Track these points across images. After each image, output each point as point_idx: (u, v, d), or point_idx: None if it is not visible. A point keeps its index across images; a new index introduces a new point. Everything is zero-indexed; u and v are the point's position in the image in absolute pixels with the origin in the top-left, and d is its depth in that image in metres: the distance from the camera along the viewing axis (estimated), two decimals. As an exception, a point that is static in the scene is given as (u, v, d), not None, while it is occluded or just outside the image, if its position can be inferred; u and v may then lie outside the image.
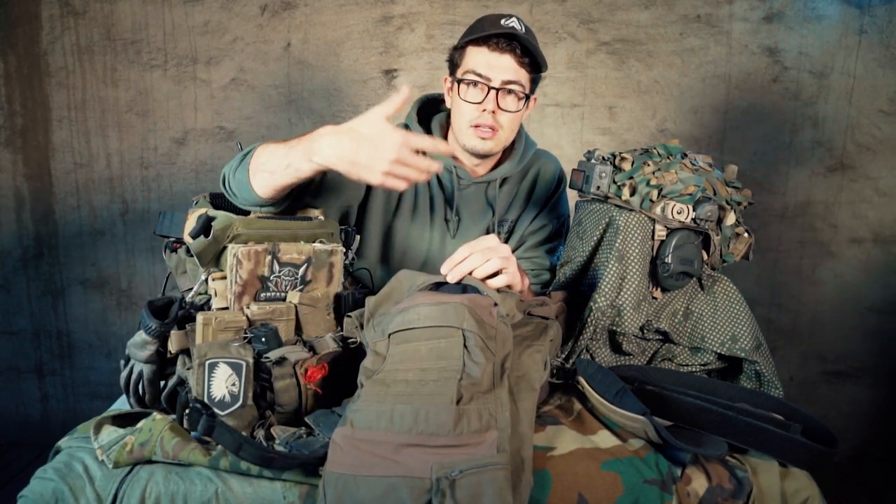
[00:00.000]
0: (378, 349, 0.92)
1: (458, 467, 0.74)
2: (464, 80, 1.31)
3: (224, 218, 1.04)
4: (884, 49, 2.34)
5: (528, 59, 1.30)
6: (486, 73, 1.29)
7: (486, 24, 1.30)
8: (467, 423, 0.79)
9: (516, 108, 1.33)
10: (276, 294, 1.06)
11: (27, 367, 2.58)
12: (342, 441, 0.79)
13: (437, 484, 0.72)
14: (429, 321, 0.90)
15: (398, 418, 0.80)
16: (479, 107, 1.31)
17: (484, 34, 1.28)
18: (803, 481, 0.91)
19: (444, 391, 0.82)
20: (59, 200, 2.46)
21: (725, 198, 1.19)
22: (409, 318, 0.92)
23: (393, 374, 0.87)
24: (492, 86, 1.29)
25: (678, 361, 1.21)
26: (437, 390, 0.82)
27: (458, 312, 0.90)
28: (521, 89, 1.32)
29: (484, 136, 1.33)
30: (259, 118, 2.41)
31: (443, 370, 0.85)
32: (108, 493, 0.83)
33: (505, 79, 1.29)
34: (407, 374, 0.86)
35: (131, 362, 1.02)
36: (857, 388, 2.55)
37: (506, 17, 1.29)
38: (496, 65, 1.28)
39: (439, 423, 0.78)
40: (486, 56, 1.28)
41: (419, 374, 0.85)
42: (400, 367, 0.87)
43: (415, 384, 0.84)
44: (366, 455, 0.77)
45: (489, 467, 0.75)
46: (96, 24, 2.35)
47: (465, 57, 1.32)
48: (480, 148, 1.35)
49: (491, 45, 1.28)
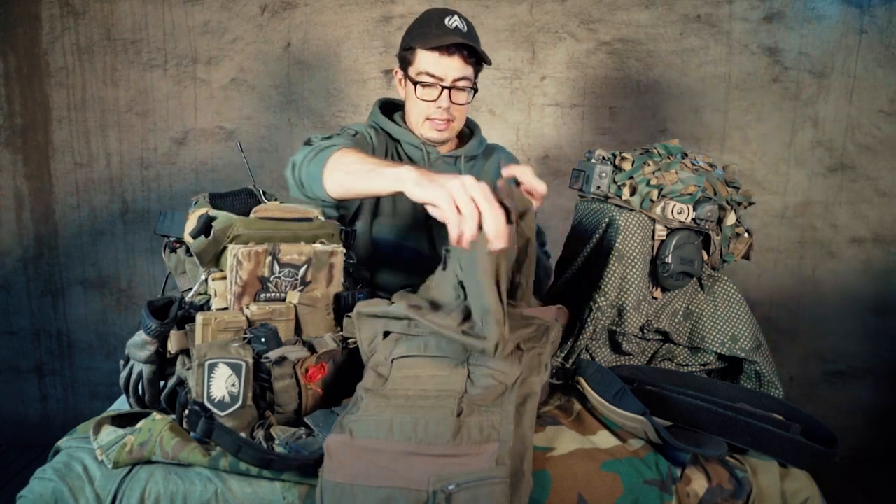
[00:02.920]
0: (381, 371, 0.94)
1: (455, 480, 0.73)
2: (419, 82, 1.44)
3: (224, 218, 1.04)
4: (884, 49, 2.34)
5: (474, 58, 1.44)
6: (438, 73, 1.42)
7: (433, 25, 1.42)
8: (467, 434, 0.79)
9: (466, 101, 1.48)
10: (276, 294, 1.06)
11: (27, 367, 2.58)
12: (340, 449, 0.79)
13: (434, 497, 0.72)
14: (434, 351, 0.93)
15: (398, 427, 0.80)
16: (434, 104, 1.44)
17: (431, 44, 1.39)
18: (803, 481, 0.91)
19: (444, 404, 0.83)
20: (59, 200, 2.46)
21: (726, 198, 1.19)
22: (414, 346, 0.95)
23: (393, 390, 0.88)
24: (444, 85, 1.42)
25: (678, 361, 1.21)
26: (438, 403, 0.83)
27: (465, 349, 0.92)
28: (469, 84, 1.46)
29: (439, 128, 1.48)
30: (259, 118, 2.41)
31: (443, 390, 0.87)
32: (108, 494, 0.83)
33: (455, 77, 1.42)
34: (407, 391, 0.87)
35: (131, 362, 1.02)
36: (857, 388, 2.55)
37: (449, 14, 1.42)
38: (446, 66, 1.41)
39: (438, 432, 0.79)
40: (437, 59, 1.41)
41: (420, 392, 0.87)
42: (400, 387, 0.89)
43: (415, 398, 0.86)
44: (364, 463, 0.77)
45: (487, 481, 0.74)
46: (96, 24, 2.35)
47: (417, 59, 1.44)
48: (437, 138, 1.50)
49: (440, 50, 1.40)
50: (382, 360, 0.96)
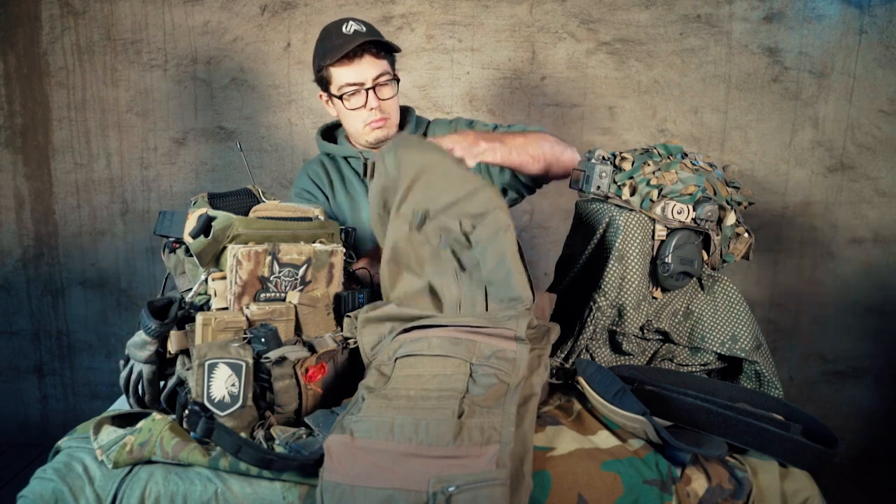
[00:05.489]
0: (383, 371, 0.94)
1: (455, 482, 0.73)
2: (343, 95, 1.50)
3: (224, 218, 1.04)
4: (884, 49, 2.34)
5: (381, 51, 1.50)
6: (357, 79, 1.48)
7: (334, 38, 1.48)
8: (468, 435, 0.79)
9: (393, 94, 1.54)
10: (276, 294, 1.06)
11: (27, 367, 2.58)
12: (340, 449, 0.79)
13: (434, 498, 0.72)
14: (438, 350, 0.93)
15: (398, 429, 0.80)
16: (365, 109, 1.51)
17: (338, 55, 1.45)
18: (803, 481, 0.91)
19: (445, 405, 0.83)
20: (59, 200, 2.46)
21: (726, 198, 1.19)
22: (418, 347, 0.95)
23: (395, 390, 0.89)
24: (366, 87, 1.49)
25: (678, 361, 1.21)
26: (439, 405, 0.84)
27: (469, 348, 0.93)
28: (389, 76, 1.52)
29: (379, 126, 1.53)
30: (259, 118, 2.41)
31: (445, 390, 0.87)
32: (108, 494, 0.83)
33: (373, 76, 1.48)
34: (409, 392, 0.88)
35: (131, 362, 1.02)
36: (857, 388, 2.55)
37: (344, 22, 1.49)
38: (361, 69, 1.47)
39: (439, 434, 0.79)
40: (349, 67, 1.47)
41: (421, 392, 0.87)
42: (402, 386, 0.89)
43: (416, 399, 0.86)
44: (364, 464, 0.77)
45: (487, 483, 0.74)
46: (96, 24, 2.35)
47: (333, 76, 1.50)
48: (382, 136, 1.55)
49: (348, 57, 1.46)
50: (386, 359, 0.97)
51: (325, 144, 1.65)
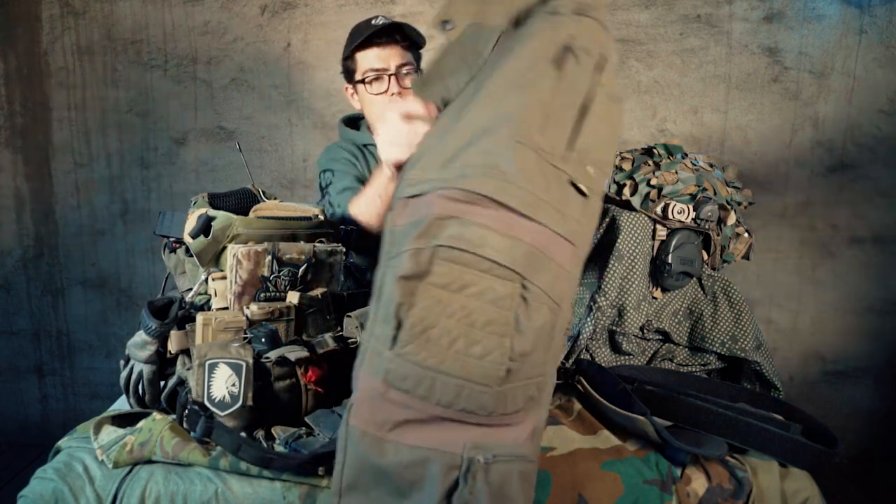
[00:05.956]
0: (421, 258, 0.73)
1: (491, 451, 0.70)
2: (365, 80, 1.50)
3: (224, 218, 1.04)
4: (884, 49, 2.33)
5: (407, 42, 1.51)
6: (381, 65, 1.49)
7: (362, 29, 1.50)
8: (512, 401, 0.72)
9: None
10: (276, 294, 1.06)
11: (27, 367, 2.58)
12: (370, 395, 0.71)
13: (469, 464, 0.69)
14: (492, 253, 0.72)
15: (440, 389, 0.70)
16: (386, 95, 1.50)
17: (366, 37, 1.47)
18: (803, 481, 0.91)
19: (493, 360, 0.71)
20: (59, 200, 2.46)
21: (726, 198, 1.19)
22: (468, 237, 0.73)
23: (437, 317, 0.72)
24: (390, 73, 1.49)
25: (678, 361, 1.21)
26: (486, 354, 0.71)
27: (529, 259, 0.73)
28: (412, 68, 1.52)
29: None
30: (259, 118, 2.41)
31: (492, 333, 0.72)
32: (108, 493, 0.83)
33: (398, 63, 1.49)
34: (451, 324, 0.72)
35: (131, 362, 1.02)
36: (857, 388, 2.55)
37: (373, 18, 1.51)
38: (385, 55, 1.49)
39: (481, 403, 0.71)
40: (375, 52, 1.49)
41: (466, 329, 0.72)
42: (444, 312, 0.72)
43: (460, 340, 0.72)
44: (396, 416, 0.70)
45: (521, 460, 0.72)
46: (96, 24, 2.35)
47: (358, 62, 1.52)
48: None
49: (374, 42, 1.48)
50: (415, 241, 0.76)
51: (348, 131, 1.65)
